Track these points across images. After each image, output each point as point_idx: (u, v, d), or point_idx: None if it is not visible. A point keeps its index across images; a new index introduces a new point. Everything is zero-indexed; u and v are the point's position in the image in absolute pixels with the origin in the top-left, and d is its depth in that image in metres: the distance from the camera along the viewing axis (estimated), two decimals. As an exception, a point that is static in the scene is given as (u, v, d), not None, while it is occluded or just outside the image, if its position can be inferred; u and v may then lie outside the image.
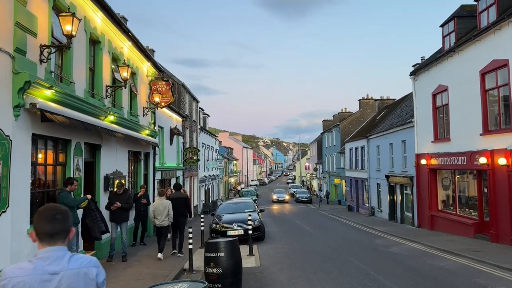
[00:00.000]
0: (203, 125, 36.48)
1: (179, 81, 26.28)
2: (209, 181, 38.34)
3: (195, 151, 26.63)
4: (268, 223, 20.57)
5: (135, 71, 13.50)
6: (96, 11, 9.84)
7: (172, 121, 21.47)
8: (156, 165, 17.05)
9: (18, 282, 1.80)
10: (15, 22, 6.30)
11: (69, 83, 8.39)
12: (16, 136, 6.28)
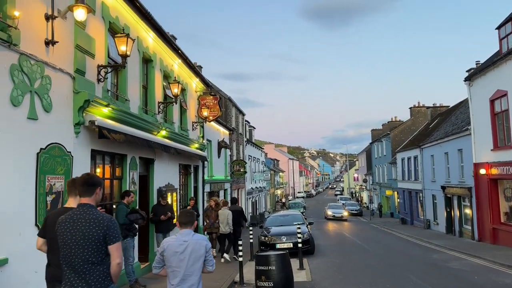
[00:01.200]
0: (249, 138, 36.81)
1: (226, 95, 26.79)
2: (256, 193, 38.44)
3: (242, 163, 26.87)
4: (317, 236, 20.17)
5: (184, 87, 13.93)
6: (148, 31, 10.30)
7: (219, 134, 21.85)
8: (205, 177, 17.38)
9: (169, 244, 3.85)
10: (75, 45, 6.73)
11: (125, 100, 8.80)
12: (77, 152, 6.65)
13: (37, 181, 5.56)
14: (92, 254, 3.09)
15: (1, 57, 4.96)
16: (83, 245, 3.09)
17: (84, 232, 3.10)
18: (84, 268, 3.08)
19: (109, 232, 3.14)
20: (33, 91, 5.54)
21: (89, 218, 3.15)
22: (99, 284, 3.10)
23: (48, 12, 5.93)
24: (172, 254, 3.79)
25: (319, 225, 29.49)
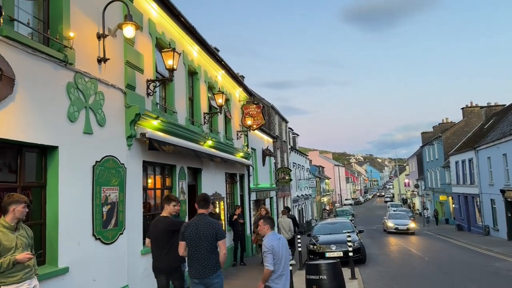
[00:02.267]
0: (293, 145, 36.60)
1: (268, 103, 26.88)
2: (302, 200, 38.03)
3: (287, 171, 26.73)
4: (367, 244, 19.55)
5: (228, 97, 14.14)
6: (193, 44, 10.59)
7: (263, 142, 21.91)
8: (250, 186, 17.44)
9: (273, 243, 4.81)
10: (125, 61, 7.04)
11: (172, 112, 9.06)
12: (130, 163, 6.91)
13: (93, 193, 5.82)
14: (209, 246, 4.73)
15: (58, 76, 5.28)
16: (204, 240, 4.73)
17: (204, 232, 4.75)
18: (205, 256, 4.72)
19: (218, 232, 4.81)
20: (88, 106, 5.84)
21: (206, 223, 4.82)
22: (213, 267, 4.74)
23: (99, 31, 6.25)
24: (277, 250, 4.84)
25: (369, 233, 28.56)
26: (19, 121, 4.54)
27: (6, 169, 4.71)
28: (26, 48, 4.69)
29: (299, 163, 38.23)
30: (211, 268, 4.71)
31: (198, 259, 4.72)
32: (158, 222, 5.73)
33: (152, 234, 5.68)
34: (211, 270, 4.72)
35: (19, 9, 4.95)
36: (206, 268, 4.70)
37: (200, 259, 4.72)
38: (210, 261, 4.73)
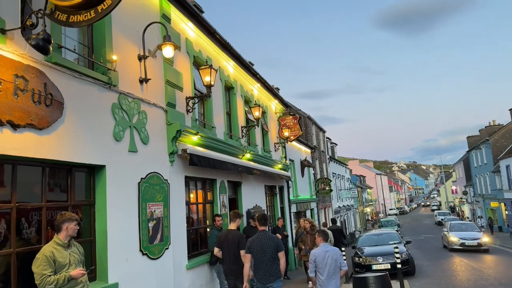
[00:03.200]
0: (331, 155, 36.06)
1: (305, 114, 26.73)
2: (344, 211, 37.19)
3: (327, 181, 26.30)
4: (416, 255, 18.72)
5: (265, 109, 14.21)
6: (228, 60, 10.78)
7: (301, 153, 21.74)
8: (290, 198, 17.29)
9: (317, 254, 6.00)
10: (166, 80, 7.26)
11: (211, 127, 9.22)
12: (172, 179, 7.06)
13: (140, 209, 5.99)
14: (272, 256, 5.81)
15: (104, 98, 5.52)
16: (268, 251, 5.83)
17: (268, 244, 5.86)
18: (269, 263, 5.81)
19: (278, 245, 5.92)
20: (132, 126, 6.05)
21: (268, 237, 5.97)
22: (275, 274, 5.81)
23: (140, 53, 6.50)
24: (320, 260, 5.96)
25: (416, 244, 27.35)
26: (69, 143, 4.77)
27: (58, 188, 4.95)
28: (73, 72, 4.95)
29: (339, 173, 37.55)
30: (274, 275, 5.82)
31: (263, 268, 5.81)
32: (229, 233, 6.81)
33: (224, 244, 6.74)
34: (274, 276, 5.82)
35: (65, 36, 5.25)
36: (269, 275, 5.80)
37: (264, 268, 5.81)
38: (273, 269, 5.82)
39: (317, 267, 5.99)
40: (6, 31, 4.04)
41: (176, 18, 8.06)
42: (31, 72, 4.26)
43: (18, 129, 4.06)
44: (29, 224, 4.42)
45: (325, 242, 6.20)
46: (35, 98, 4.27)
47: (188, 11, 8.30)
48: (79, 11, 3.99)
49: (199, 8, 10.22)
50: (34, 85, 4.28)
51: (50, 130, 4.48)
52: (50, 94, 4.48)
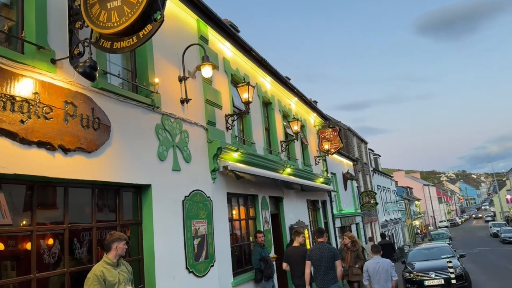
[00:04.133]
0: (375, 167, 35.07)
1: (345, 125, 26.30)
2: (391, 225, 35.83)
3: (372, 194, 25.53)
4: (471, 270, 17.61)
5: (303, 123, 14.13)
6: (265, 76, 10.87)
7: (343, 166, 21.32)
8: (334, 212, 16.92)
9: (369, 265, 7.10)
10: (205, 99, 7.43)
11: (251, 144, 9.27)
12: (215, 196, 7.13)
13: (184, 227, 6.07)
14: (330, 264, 6.57)
15: (147, 119, 5.71)
16: (326, 260, 6.58)
17: (326, 254, 6.62)
18: (327, 271, 6.55)
19: (335, 254, 6.74)
20: (174, 145, 6.21)
21: (325, 248, 6.78)
22: (332, 280, 6.55)
23: (180, 75, 6.71)
24: (372, 271, 6.94)
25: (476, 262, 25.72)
26: (116, 164, 4.95)
27: (107, 209, 5.13)
28: (118, 97, 5.18)
29: (383, 185, 36.39)
30: (331, 280, 6.55)
31: (321, 274, 6.59)
32: (294, 249, 7.62)
33: (291, 259, 7.51)
34: (331, 282, 6.54)
35: (110, 62, 5.52)
36: (327, 280, 6.54)
37: (322, 274, 6.57)
38: (330, 275, 6.56)
39: (370, 277, 7.02)
40: (56, 61, 4.30)
41: (213, 39, 8.27)
42: (79, 98, 4.50)
43: (69, 153, 4.28)
44: (80, 244, 4.59)
45: (377, 255, 7.17)
46: (83, 122, 4.49)
47: (225, 31, 8.49)
48: (122, 37, 4.18)
49: (235, 27, 10.45)
50: (83, 110, 4.50)
51: (99, 153, 4.67)
52: (98, 118, 4.70)
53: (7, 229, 3.77)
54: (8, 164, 3.66)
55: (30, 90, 3.94)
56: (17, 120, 3.77)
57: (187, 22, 7.33)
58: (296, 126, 11.55)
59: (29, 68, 3.99)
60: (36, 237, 4.07)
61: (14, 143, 3.75)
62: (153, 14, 4.05)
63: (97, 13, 4.14)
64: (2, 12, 4.21)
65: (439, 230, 49.71)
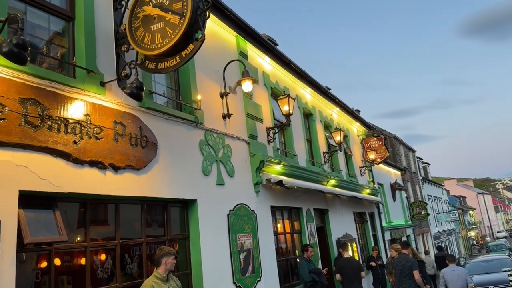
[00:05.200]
0: (424, 176, 33.60)
1: (390, 134, 25.51)
2: (444, 237, 34.00)
3: (422, 204, 24.41)
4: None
5: (346, 133, 13.87)
6: (305, 87, 10.83)
7: (390, 176, 20.61)
8: (382, 224, 16.34)
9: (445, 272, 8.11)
10: (246, 113, 7.50)
11: (293, 156, 9.21)
12: (259, 210, 7.12)
13: (230, 240, 6.09)
14: (408, 272, 7.15)
15: (191, 135, 5.84)
16: (405, 269, 7.21)
17: (406, 265, 7.27)
18: (406, 279, 7.16)
19: (413, 264, 7.21)
20: (218, 160, 6.29)
21: (406, 259, 7.38)
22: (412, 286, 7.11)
23: (221, 91, 6.83)
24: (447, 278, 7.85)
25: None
26: (164, 180, 5.08)
27: (156, 224, 5.26)
28: (164, 115, 5.34)
29: (434, 195, 34.73)
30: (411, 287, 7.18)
31: (402, 284, 7.21)
32: (348, 261, 8.01)
33: (344, 270, 7.88)
34: None
35: (155, 82, 5.72)
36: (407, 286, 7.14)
37: (403, 284, 7.20)
38: (408, 284, 7.15)
39: (447, 284, 7.85)
40: (105, 83, 4.53)
41: (252, 54, 8.37)
42: (127, 118, 4.69)
43: (119, 170, 4.45)
44: (131, 259, 4.73)
45: (452, 264, 8.16)
46: (132, 141, 4.66)
47: (264, 46, 8.59)
48: (166, 58, 4.33)
49: (273, 41, 10.53)
50: (131, 130, 4.69)
51: (147, 170, 4.83)
52: (145, 136, 4.87)
53: (63, 246, 3.96)
54: (63, 184, 3.87)
55: (81, 112, 4.16)
56: (71, 141, 3.98)
57: (226, 39, 7.49)
58: (339, 137, 11.35)
59: (80, 92, 4.23)
60: (90, 253, 4.24)
61: (68, 163, 3.96)
62: (195, 34, 4.17)
63: (142, 36, 4.33)
64: (55, 40, 4.51)
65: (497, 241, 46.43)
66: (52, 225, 3.75)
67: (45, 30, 4.43)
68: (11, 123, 3.51)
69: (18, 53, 3.23)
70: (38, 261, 3.83)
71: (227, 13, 7.09)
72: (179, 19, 4.11)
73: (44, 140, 3.74)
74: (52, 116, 3.85)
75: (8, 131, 3.48)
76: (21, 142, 3.56)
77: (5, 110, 3.48)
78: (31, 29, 4.21)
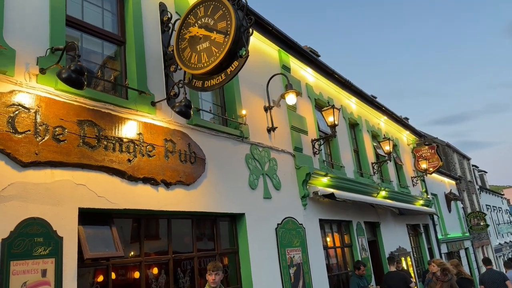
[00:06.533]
0: (481, 184, 31.63)
1: (442, 141, 24.35)
2: (507, 249, 31.64)
3: (481, 215, 22.92)
4: None
5: (395, 142, 13.42)
6: (350, 97, 10.65)
7: (444, 186, 19.61)
8: (438, 236, 15.53)
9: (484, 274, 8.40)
10: (291, 126, 7.48)
11: (340, 167, 9.03)
12: (307, 223, 7.01)
13: (279, 255, 6.03)
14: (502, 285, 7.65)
15: (238, 150, 5.91)
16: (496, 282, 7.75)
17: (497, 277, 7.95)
18: None
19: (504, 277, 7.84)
20: (264, 173, 6.30)
21: (497, 272, 7.79)
22: None
23: (265, 104, 6.88)
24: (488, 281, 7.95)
25: None
26: (212, 195, 5.17)
27: (206, 238, 5.34)
28: (211, 131, 5.46)
29: (493, 204, 32.55)
30: None
31: None
32: (392, 274, 8.01)
33: (390, 283, 7.83)
34: None
35: (201, 100, 5.88)
36: None
37: None
38: None
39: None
40: (155, 103, 4.71)
41: (295, 66, 8.39)
42: (177, 135, 4.84)
43: (170, 186, 4.59)
44: (183, 273, 4.82)
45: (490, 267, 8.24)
46: (181, 157, 4.80)
47: (306, 58, 8.58)
48: (211, 76, 4.45)
49: (315, 53, 10.51)
50: (180, 146, 4.83)
51: (196, 185, 4.93)
52: (194, 152, 4.99)
53: (119, 261, 4.12)
54: (118, 200, 4.04)
55: (134, 131, 4.35)
56: (125, 159, 4.16)
57: (269, 53, 7.56)
58: (388, 146, 11.01)
59: (133, 112, 4.43)
60: (144, 267, 4.37)
61: (123, 180, 4.14)
62: (239, 51, 4.26)
63: (189, 56, 4.49)
64: (108, 64, 4.78)
65: None
66: (109, 241, 3.92)
67: (99, 55, 4.72)
68: (70, 144, 3.74)
69: (76, 78, 3.45)
70: (96, 276, 4.00)
71: (269, 28, 7.18)
72: (223, 37, 4.22)
73: (101, 159, 3.95)
74: (108, 136, 4.06)
75: (68, 151, 3.70)
76: (79, 162, 3.78)
77: (65, 132, 3.72)
78: (86, 55, 4.50)
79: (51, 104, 3.69)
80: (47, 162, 3.54)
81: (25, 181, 3.38)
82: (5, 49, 3.48)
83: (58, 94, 3.78)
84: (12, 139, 3.34)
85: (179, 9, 5.49)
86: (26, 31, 3.73)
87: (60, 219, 3.52)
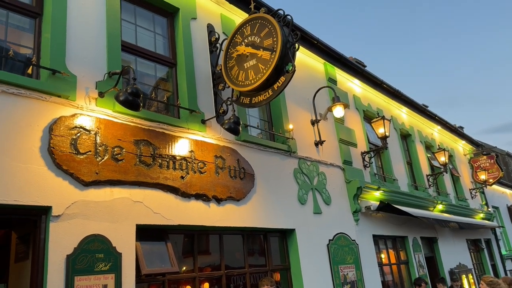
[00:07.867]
0: (550, 196, 29.10)
1: (502, 150, 22.78)
2: None
3: (551, 229, 21.05)
4: None
5: (451, 153, 12.76)
6: (400, 107, 10.32)
7: (507, 197, 18.29)
8: (502, 252, 14.43)
9: None
10: (339, 139, 7.35)
11: (392, 180, 8.71)
12: (360, 239, 6.79)
13: (332, 272, 5.87)
14: None
15: (286, 165, 5.88)
16: None
17: None
18: None
19: None
20: (313, 188, 6.21)
21: None
22: None
23: (312, 118, 6.83)
24: None
25: None
26: (262, 210, 5.16)
27: (257, 254, 5.32)
28: (259, 146, 5.49)
29: None
30: None
31: None
32: None
33: None
34: None
35: (249, 116, 5.94)
36: None
37: None
38: None
39: None
40: (205, 121, 4.83)
41: (341, 78, 8.28)
42: (226, 151, 4.92)
43: (221, 202, 4.65)
44: (236, 289, 4.81)
45: None
46: (231, 173, 4.86)
47: (352, 69, 8.45)
48: (259, 92, 4.50)
49: (361, 63, 10.32)
50: (230, 162, 4.89)
51: (246, 200, 4.96)
52: (243, 168, 5.04)
53: (174, 276, 4.20)
54: (173, 217, 4.15)
55: (186, 149, 4.48)
56: (178, 176, 4.28)
57: (314, 67, 7.54)
58: (443, 157, 10.49)
59: (184, 130, 4.57)
60: (198, 283, 4.42)
61: (176, 197, 4.25)
62: (285, 66, 4.29)
63: (236, 74, 4.57)
64: (160, 85, 4.99)
65: None
66: (164, 257, 4.02)
67: (152, 77, 4.94)
68: (128, 163, 3.91)
69: (133, 100, 3.62)
70: (152, 290, 4.10)
71: (314, 42, 7.17)
72: (270, 54, 4.27)
73: (156, 176, 4.09)
74: (162, 154, 4.21)
75: (126, 170, 3.87)
76: (136, 180, 3.93)
77: (123, 152, 3.90)
78: (140, 77, 4.72)
79: (110, 126, 3.89)
80: (106, 181, 3.72)
81: (87, 199, 3.57)
82: (68, 75, 3.74)
83: (116, 116, 3.98)
84: (75, 159, 3.55)
85: (226, 29, 5.64)
86: (85, 58, 4.00)
87: (119, 236, 3.66)
